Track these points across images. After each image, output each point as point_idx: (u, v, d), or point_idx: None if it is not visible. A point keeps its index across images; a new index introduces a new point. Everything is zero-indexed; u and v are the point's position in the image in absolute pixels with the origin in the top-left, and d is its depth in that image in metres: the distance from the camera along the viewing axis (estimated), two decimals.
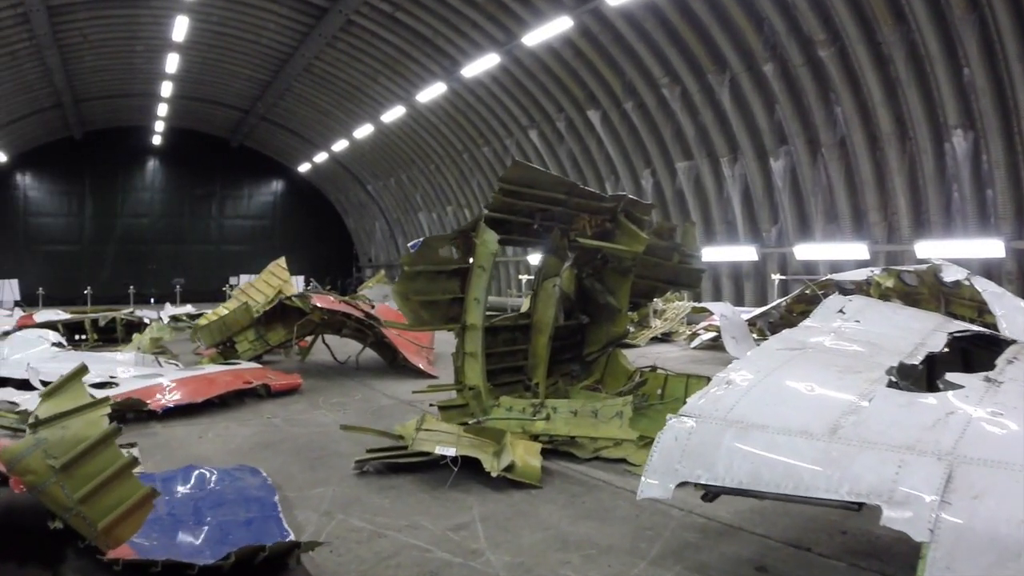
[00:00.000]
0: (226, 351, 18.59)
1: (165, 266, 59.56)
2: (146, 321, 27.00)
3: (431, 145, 46.20)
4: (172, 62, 42.61)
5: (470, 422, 9.91)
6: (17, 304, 37.69)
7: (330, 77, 44.16)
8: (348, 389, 16.18)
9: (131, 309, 29.22)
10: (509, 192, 11.24)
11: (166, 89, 48.05)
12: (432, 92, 39.35)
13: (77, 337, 24.47)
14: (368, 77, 42.09)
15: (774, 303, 23.13)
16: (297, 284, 48.83)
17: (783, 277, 28.75)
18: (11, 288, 39.66)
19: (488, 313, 11.55)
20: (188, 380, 14.59)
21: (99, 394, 12.61)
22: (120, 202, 61.41)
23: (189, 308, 33.72)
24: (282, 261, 24.97)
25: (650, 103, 31.27)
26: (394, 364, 19.02)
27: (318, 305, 17.91)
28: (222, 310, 24.37)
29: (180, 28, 37.01)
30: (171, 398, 13.60)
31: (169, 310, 32.70)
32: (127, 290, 49.13)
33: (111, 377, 14.87)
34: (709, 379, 11.26)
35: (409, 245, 11.07)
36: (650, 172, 33.25)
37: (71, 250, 59.59)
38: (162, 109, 53.64)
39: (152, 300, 46.47)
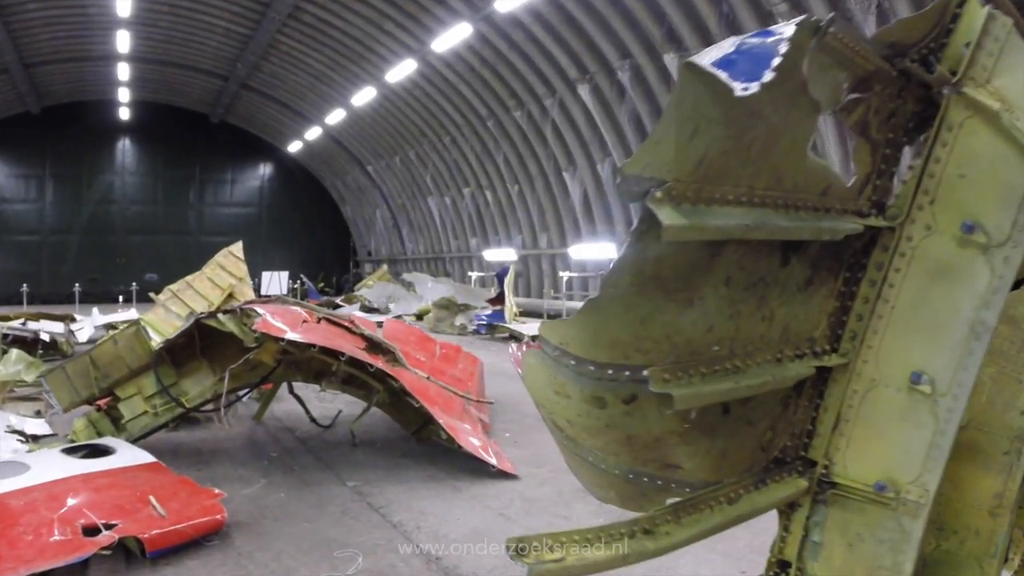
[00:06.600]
0: (111, 410, 9.99)
1: (136, 260, 53.23)
2: (43, 337, 18.56)
3: (447, 111, 38.28)
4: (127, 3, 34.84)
5: None
6: None
7: (322, 26, 36.75)
8: (331, 524, 7.55)
9: (23, 319, 20.42)
10: None
11: (124, 42, 40.66)
12: (451, 38, 31.45)
13: None
14: (369, 22, 34.35)
15: None
16: (282, 283, 41.29)
17: None
18: None
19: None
20: None
21: None
22: (85, 187, 55.09)
23: (132, 313, 24.85)
24: (237, 248, 16.31)
25: None
26: (422, 436, 10.55)
27: (277, 336, 9.13)
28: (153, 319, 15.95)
29: None
30: None
31: (97, 318, 24.08)
32: (90, 287, 43.03)
33: None
34: None
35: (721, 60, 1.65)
36: None
37: (29, 241, 53.48)
38: (129, 77, 47.45)
39: (120, 299, 38.76)
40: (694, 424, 2.56)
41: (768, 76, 1.95)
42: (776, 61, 1.98)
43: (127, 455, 8.22)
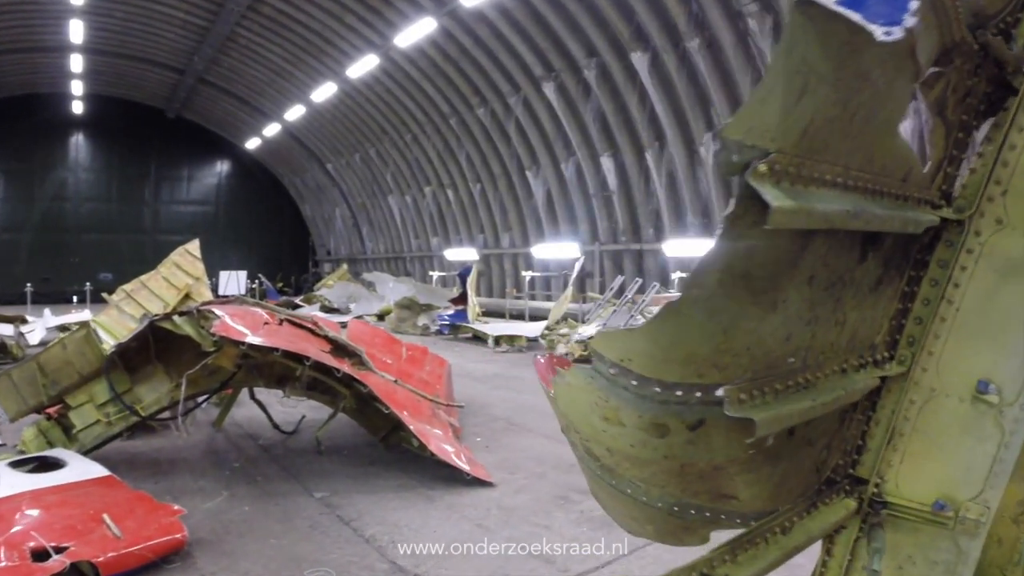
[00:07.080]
0: (62, 419, 9.41)
1: (90, 259, 51.65)
2: None
3: (409, 108, 37.59)
4: None
5: None
6: None
7: (282, 18, 35.80)
8: (299, 540, 7.10)
9: None
10: None
11: (78, 32, 39.05)
12: (414, 33, 30.77)
13: None
14: (331, 16, 33.59)
15: None
16: (240, 283, 40.37)
17: None
18: None
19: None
20: None
21: None
22: (38, 183, 53.19)
23: (86, 314, 24.03)
24: (193, 247, 15.69)
25: (726, 39, 22.46)
26: (391, 443, 10.10)
27: (237, 340, 8.62)
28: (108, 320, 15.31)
29: None
30: None
31: (49, 319, 23.31)
32: (42, 287, 40.79)
33: None
34: None
35: None
36: (711, 136, 24.54)
37: None
38: (83, 69, 45.69)
39: (73, 299, 37.48)
40: (761, 449, 2.17)
41: (911, 21, 1.57)
42: (914, 5, 1.60)
43: (79, 468, 7.64)
